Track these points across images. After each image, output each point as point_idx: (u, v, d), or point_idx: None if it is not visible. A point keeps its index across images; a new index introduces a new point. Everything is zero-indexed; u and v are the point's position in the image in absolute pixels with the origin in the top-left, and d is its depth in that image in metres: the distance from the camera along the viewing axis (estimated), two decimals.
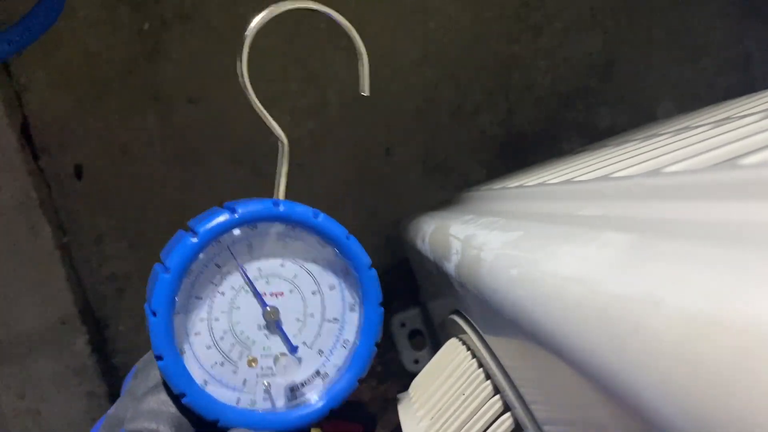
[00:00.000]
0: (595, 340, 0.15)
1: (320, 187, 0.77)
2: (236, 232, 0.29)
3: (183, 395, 0.27)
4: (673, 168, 0.20)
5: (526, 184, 0.36)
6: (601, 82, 0.82)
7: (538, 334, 0.19)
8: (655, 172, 0.21)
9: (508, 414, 0.27)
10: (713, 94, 0.82)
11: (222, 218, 0.28)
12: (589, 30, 0.82)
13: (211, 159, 0.75)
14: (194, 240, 0.28)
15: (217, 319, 0.28)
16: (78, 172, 0.77)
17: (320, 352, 0.30)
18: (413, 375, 0.38)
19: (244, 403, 0.29)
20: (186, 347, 0.28)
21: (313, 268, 0.30)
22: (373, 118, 0.79)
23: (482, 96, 0.81)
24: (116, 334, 0.79)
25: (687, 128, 0.30)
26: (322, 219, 0.29)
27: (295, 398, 0.29)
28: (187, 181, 0.76)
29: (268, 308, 0.29)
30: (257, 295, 0.29)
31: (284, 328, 0.29)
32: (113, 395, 0.74)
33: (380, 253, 0.34)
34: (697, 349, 0.12)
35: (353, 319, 0.30)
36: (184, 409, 0.28)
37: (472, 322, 0.32)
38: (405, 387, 0.38)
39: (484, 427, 0.28)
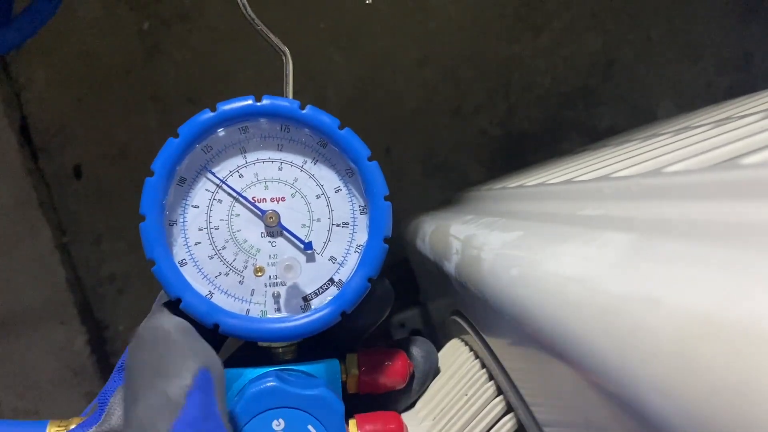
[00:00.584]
0: (595, 339, 0.15)
1: None
2: (222, 133, 0.28)
3: (179, 300, 0.26)
4: (673, 168, 0.20)
5: (526, 184, 0.36)
6: (601, 82, 0.82)
7: (539, 333, 0.19)
8: (655, 172, 0.21)
9: (511, 415, 0.27)
10: (713, 94, 0.82)
11: (202, 117, 0.27)
12: (589, 30, 0.82)
13: None
14: (176, 141, 0.27)
15: (216, 228, 0.28)
16: (77, 172, 0.77)
17: (332, 258, 0.28)
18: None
19: (254, 314, 0.28)
20: (187, 258, 0.27)
21: (315, 170, 0.28)
22: (373, 118, 0.79)
23: (482, 96, 0.81)
24: (116, 334, 0.79)
25: (687, 128, 0.30)
26: (309, 110, 0.27)
27: (308, 308, 0.28)
28: None
29: (267, 213, 0.27)
30: (247, 201, 0.27)
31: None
32: None
33: None
34: (697, 348, 0.12)
35: (365, 222, 0.28)
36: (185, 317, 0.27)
37: (473, 322, 0.32)
38: None
39: (487, 428, 0.28)
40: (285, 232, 0.28)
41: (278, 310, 0.28)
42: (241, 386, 0.27)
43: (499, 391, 0.28)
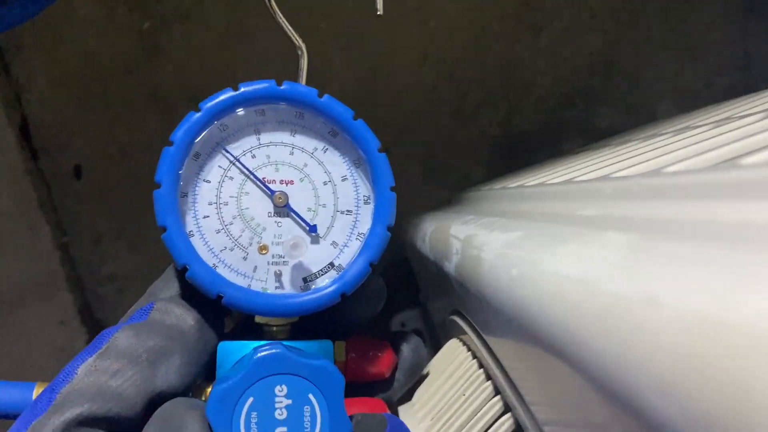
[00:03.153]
0: (595, 339, 0.15)
1: None
2: (240, 112, 0.29)
3: (186, 269, 0.27)
4: (673, 168, 0.20)
5: (527, 184, 0.36)
6: (601, 82, 0.82)
7: (538, 333, 0.19)
8: (655, 172, 0.21)
9: (508, 414, 0.27)
10: (713, 94, 0.82)
11: (225, 96, 0.28)
12: (589, 30, 0.82)
13: None
14: (197, 115, 0.28)
15: (225, 204, 0.29)
16: (77, 172, 0.77)
17: (334, 244, 0.29)
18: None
19: (255, 289, 0.29)
20: (194, 229, 0.28)
21: (324, 157, 0.29)
22: (372, 118, 0.79)
23: (483, 95, 0.81)
24: None
25: (687, 128, 0.30)
26: (326, 99, 0.29)
27: (308, 288, 0.29)
28: None
29: (276, 193, 0.29)
30: (257, 180, 0.29)
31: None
32: None
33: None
34: (697, 348, 0.12)
35: (368, 212, 0.30)
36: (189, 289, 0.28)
37: (472, 322, 0.32)
38: None
39: (485, 428, 0.28)
40: (292, 214, 0.29)
41: (279, 287, 0.29)
42: (240, 357, 0.28)
43: (497, 391, 0.28)
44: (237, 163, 0.29)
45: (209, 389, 0.28)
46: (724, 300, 0.12)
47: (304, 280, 0.29)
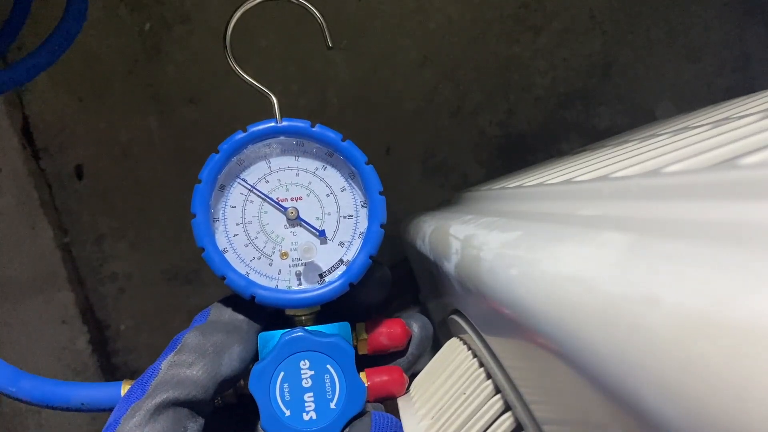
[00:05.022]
0: (594, 339, 0.15)
1: None
2: (252, 147, 0.35)
3: (224, 278, 0.33)
4: (673, 168, 0.20)
5: (526, 184, 0.36)
6: (600, 83, 0.82)
7: (538, 333, 0.19)
8: (655, 172, 0.21)
9: (508, 413, 0.27)
10: (712, 94, 0.82)
11: (238, 136, 0.35)
12: (588, 31, 0.82)
13: None
14: (217, 156, 0.34)
15: (250, 222, 0.35)
16: (79, 173, 0.77)
17: (341, 243, 0.35)
18: (413, 375, 0.38)
19: (281, 288, 0.35)
20: (228, 246, 0.35)
21: (324, 174, 0.35)
22: (373, 118, 0.79)
23: (482, 96, 0.82)
24: (116, 334, 0.79)
25: (686, 128, 0.30)
26: (318, 128, 0.35)
27: (324, 282, 0.35)
28: (187, 181, 0.76)
29: (288, 209, 0.35)
30: (272, 201, 0.35)
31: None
32: None
33: (380, 253, 0.35)
34: (696, 348, 0.12)
35: (365, 214, 0.36)
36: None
37: (471, 321, 0.32)
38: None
39: (485, 427, 0.28)
40: (303, 224, 0.35)
41: (300, 284, 0.35)
42: (275, 343, 0.34)
43: (497, 390, 0.28)
44: (254, 190, 0.35)
45: None
46: (723, 300, 0.12)
47: (320, 276, 0.35)
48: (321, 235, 0.35)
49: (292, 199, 0.35)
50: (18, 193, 0.73)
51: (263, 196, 0.35)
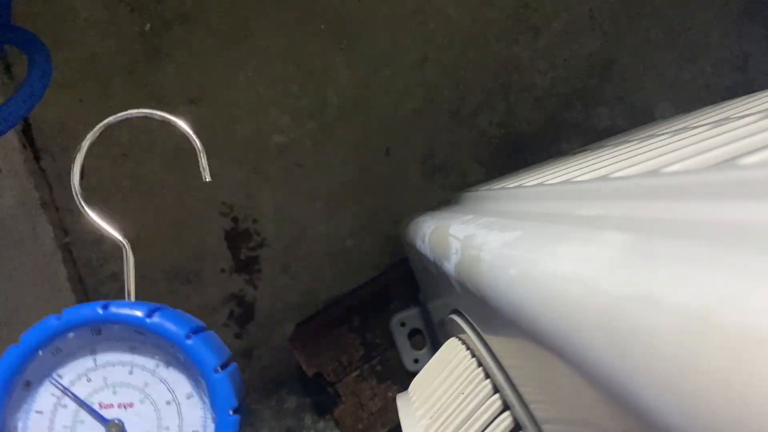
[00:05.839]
0: (594, 339, 0.15)
1: (320, 187, 0.77)
2: (71, 336, 0.26)
3: None
4: (673, 168, 0.20)
5: (526, 184, 0.36)
6: (600, 83, 0.82)
7: (537, 333, 0.19)
8: (655, 172, 0.21)
9: (507, 413, 0.27)
10: (712, 95, 0.82)
11: (48, 323, 0.26)
12: (588, 31, 0.82)
13: (212, 159, 0.75)
14: (17, 346, 0.26)
15: None
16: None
17: None
18: (413, 374, 0.38)
19: None
20: None
21: (166, 374, 0.27)
22: (373, 118, 0.79)
23: (482, 96, 0.82)
24: None
25: (686, 128, 0.30)
26: (157, 318, 0.26)
27: None
28: (187, 181, 0.76)
29: (109, 422, 0.26)
30: (90, 409, 0.26)
31: None
32: None
33: (380, 253, 0.34)
34: (696, 348, 0.12)
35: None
36: None
37: (471, 321, 0.32)
38: (405, 386, 0.39)
39: (484, 426, 0.28)
40: None
41: None
42: None
43: (496, 389, 0.28)
44: (68, 392, 0.26)
45: None
46: (723, 300, 0.12)
47: None
48: None
49: (119, 406, 0.27)
50: (18, 193, 0.73)
51: (80, 402, 0.26)
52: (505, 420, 0.27)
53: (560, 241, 0.21)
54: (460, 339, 0.35)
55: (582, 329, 0.16)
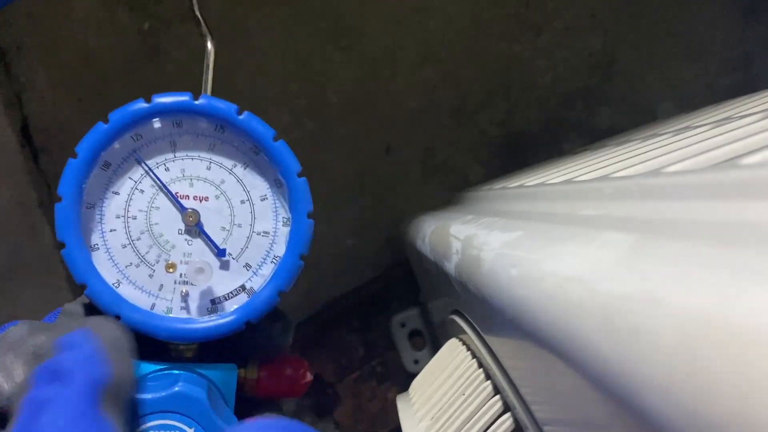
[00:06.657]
0: (595, 339, 0.15)
1: (320, 187, 0.77)
2: (157, 125, 0.28)
3: (84, 286, 0.26)
4: (673, 168, 0.20)
5: (526, 184, 0.36)
6: (601, 82, 0.82)
7: (538, 333, 0.19)
8: (655, 172, 0.21)
9: (508, 414, 0.27)
10: (713, 94, 0.82)
11: (136, 106, 0.27)
12: (589, 30, 0.82)
13: None
14: (105, 125, 0.27)
15: (134, 218, 0.27)
16: None
17: (247, 266, 0.27)
18: (413, 375, 0.38)
19: (159, 309, 0.27)
20: (99, 243, 0.27)
21: (243, 175, 0.28)
22: (373, 118, 0.79)
23: (482, 96, 0.81)
24: None
25: (687, 128, 0.30)
26: (245, 116, 0.27)
27: (216, 311, 0.27)
28: None
29: (187, 210, 0.27)
30: (170, 194, 0.27)
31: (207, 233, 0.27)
32: None
33: (380, 253, 0.34)
34: (696, 348, 0.12)
35: (286, 235, 0.28)
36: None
37: (472, 322, 0.32)
38: (405, 387, 0.38)
39: (484, 428, 0.28)
40: (202, 234, 0.27)
41: (185, 308, 0.27)
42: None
43: (497, 391, 0.28)
44: (150, 173, 0.27)
45: None
46: (723, 299, 0.12)
47: (212, 302, 0.27)
48: (220, 254, 0.27)
49: (195, 198, 0.27)
50: (17, 193, 0.73)
51: (160, 185, 0.27)
52: (506, 421, 0.27)
53: (561, 241, 0.20)
54: (460, 339, 0.35)
55: (583, 329, 0.16)
